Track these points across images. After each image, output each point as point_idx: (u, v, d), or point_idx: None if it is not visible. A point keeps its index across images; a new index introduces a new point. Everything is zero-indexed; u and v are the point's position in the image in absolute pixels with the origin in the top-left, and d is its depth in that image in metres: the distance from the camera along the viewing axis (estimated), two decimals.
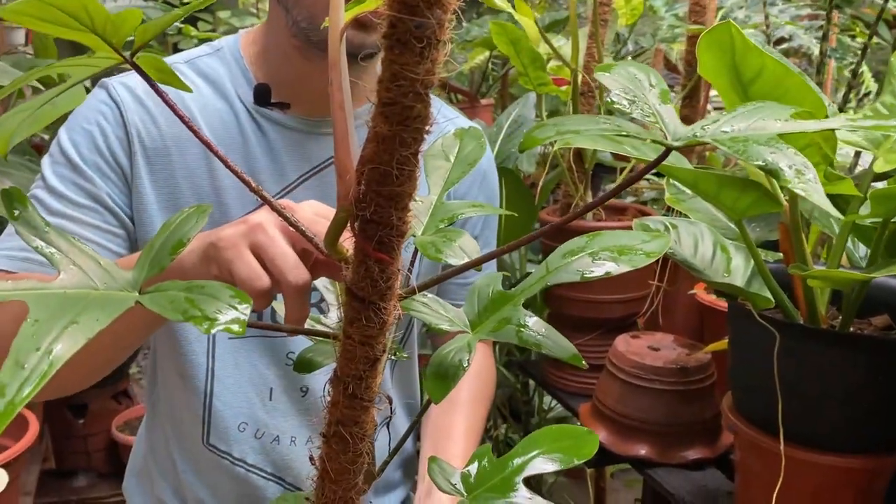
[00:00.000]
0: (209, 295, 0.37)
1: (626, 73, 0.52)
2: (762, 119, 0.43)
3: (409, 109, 0.35)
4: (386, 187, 0.37)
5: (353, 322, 0.42)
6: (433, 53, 0.34)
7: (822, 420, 0.70)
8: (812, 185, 0.38)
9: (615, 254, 0.54)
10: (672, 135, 0.45)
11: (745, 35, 0.55)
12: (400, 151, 0.36)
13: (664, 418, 0.98)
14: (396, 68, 0.34)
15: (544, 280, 0.53)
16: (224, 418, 0.92)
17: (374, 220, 0.38)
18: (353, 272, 0.41)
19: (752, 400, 0.78)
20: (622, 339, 1.07)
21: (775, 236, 0.91)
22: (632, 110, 0.49)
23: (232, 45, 0.94)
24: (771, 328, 0.67)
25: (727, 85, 0.61)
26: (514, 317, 0.53)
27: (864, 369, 0.68)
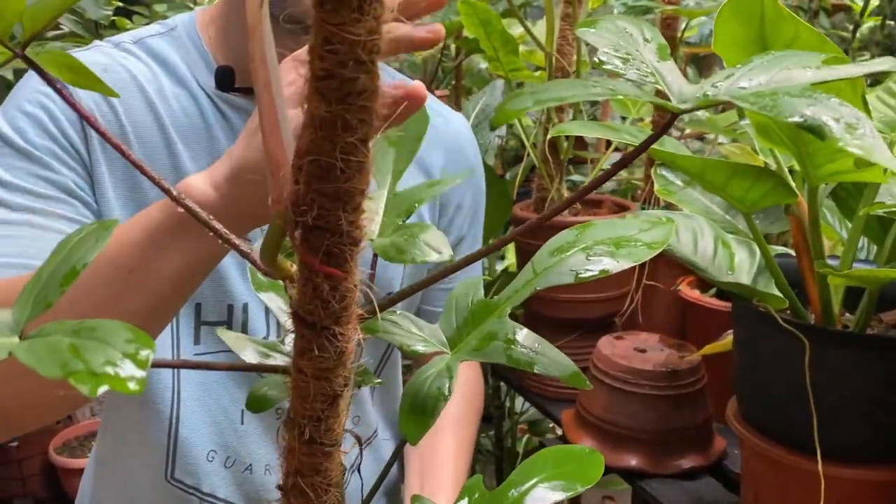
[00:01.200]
0: (98, 340, 0.26)
1: (615, 27, 0.44)
2: (787, 69, 0.36)
3: (350, 83, 0.27)
4: (330, 184, 0.29)
5: (303, 353, 0.33)
6: (376, 9, 0.26)
7: (847, 430, 0.64)
8: (870, 140, 0.30)
9: (612, 247, 0.46)
10: (677, 96, 0.37)
11: (777, 0, 0.48)
12: (343, 138, 0.28)
13: (655, 425, 0.92)
14: (330, 29, 0.26)
15: (532, 284, 0.45)
16: (191, 447, 0.82)
17: (319, 226, 0.30)
18: (299, 293, 0.32)
19: (762, 408, 0.71)
20: (606, 340, 1.00)
21: (776, 229, 0.85)
22: (626, 70, 0.41)
23: (187, 24, 0.84)
24: (799, 334, 0.60)
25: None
26: (500, 331, 0.45)
27: (891, 373, 0.62)
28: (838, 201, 0.78)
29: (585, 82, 0.39)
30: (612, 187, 1.90)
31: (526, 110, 0.37)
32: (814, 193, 0.62)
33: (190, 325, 0.80)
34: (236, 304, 0.81)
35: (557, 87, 0.38)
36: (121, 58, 0.80)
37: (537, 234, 1.15)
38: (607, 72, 0.44)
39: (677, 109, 0.36)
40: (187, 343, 0.81)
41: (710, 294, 1.06)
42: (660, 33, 0.45)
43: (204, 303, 0.80)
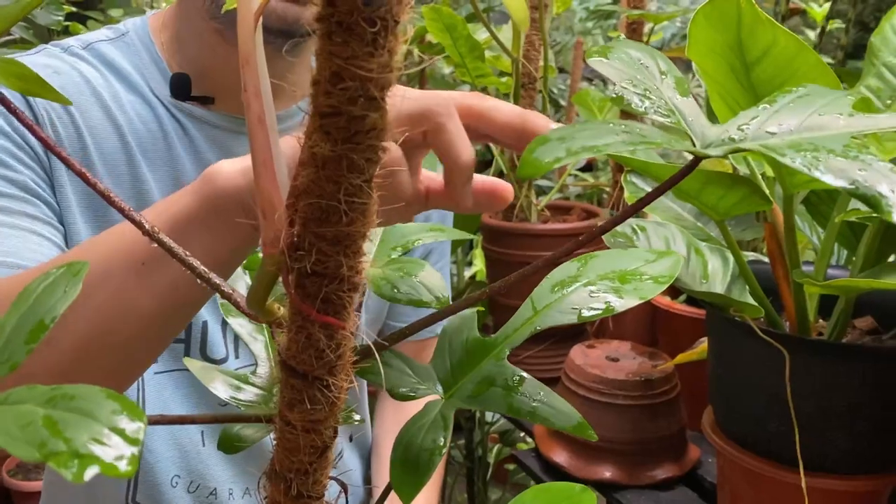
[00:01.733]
0: (80, 412, 0.22)
1: (628, 57, 0.42)
2: (818, 114, 0.34)
3: (359, 121, 0.25)
4: (331, 227, 0.27)
5: (292, 405, 0.31)
6: (390, 41, 0.24)
7: (826, 440, 0.63)
8: None
9: (616, 282, 0.44)
10: (700, 139, 0.35)
11: (755, 4, 0.46)
12: (349, 179, 0.26)
13: (630, 436, 0.91)
14: (339, 64, 0.24)
15: (532, 323, 0.43)
16: (154, 472, 0.78)
17: (317, 272, 0.28)
18: (290, 341, 0.30)
19: (740, 419, 0.70)
20: (578, 349, 0.98)
21: (749, 236, 0.85)
22: (646, 108, 0.38)
23: (139, 29, 0.80)
24: (778, 345, 0.59)
25: (724, 68, 0.53)
26: (498, 376, 0.42)
27: (872, 383, 0.61)
28: (809, 206, 0.78)
29: (616, 128, 0.36)
30: (578, 192, 1.90)
31: (559, 162, 0.34)
32: (789, 201, 0.61)
33: None
34: (195, 322, 0.77)
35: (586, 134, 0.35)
36: (72, 62, 0.76)
37: (507, 241, 1.13)
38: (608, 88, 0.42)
39: (704, 155, 0.33)
40: None
41: (681, 300, 1.05)
42: (672, 64, 0.43)
43: None
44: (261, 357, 0.50)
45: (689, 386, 0.96)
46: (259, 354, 0.50)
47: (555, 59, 2.12)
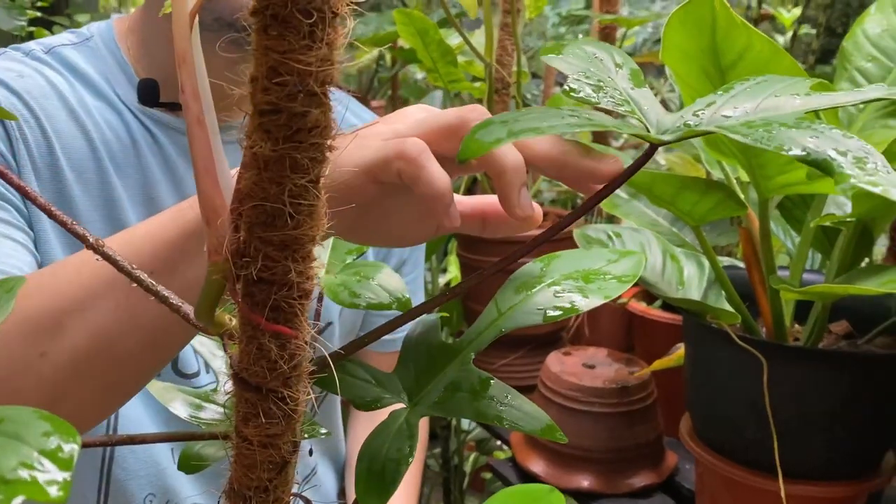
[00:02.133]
0: (8, 435, 0.20)
1: (583, 52, 0.41)
2: (774, 96, 0.33)
3: (300, 118, 0.24)
4: (276, 232, 0.26)
5: (247, 419, 0.29)
6: (329, 33, 0.23)
7: (805, 446, 0.63)
8: (884, 176, 0.28)
9: (580, 281, 0.43)
10: (655, 126, 0.35)
11: (729, 8, 0.46)
12: (293, 180, 0.25)
13: (607, 444, 0.90)
14: (276, 58, 0.23)
15: (497, 326, 0.42)
16: (126, 491, 0.75)
17: (265, 279, 0.27)
18: (241, 352, 0.28)
19: (718, 426, 0.70)
20: (554, 357, 0.97)
21: (724, 241, 0.84)
22: (599, 98, 0.38)
23: (104, 33, 0.78)
24: (756, 353, 0.59)
25: (698, 72, 0.52)
26: (464, 381, 0.41)
27: (849, 388, 0.61)
28: (784, 211, 0.77)
29: (561, 111, 0.35)
30: (552, 197, 1.89)
31: (500, 142, 0.33)
32: (764, 205, 0.61)
33: None
34: None
35: (532, 118, 0.34)
36: (35, 66, 0.74)
37: (482, 248, 1.12)
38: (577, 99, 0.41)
39: (658, 141, 0.33)
40: None
41: (656, 306, 1.05)
42: (628, 57, 0.42)
43: None
44: (222, 374, 0.48)
45: (665, 392, 0.95)
46: (220, 371, 0.48)
47: (528, 64, 2.12)
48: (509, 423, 0.40)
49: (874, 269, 0.59)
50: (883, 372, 0.62)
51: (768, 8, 2.42)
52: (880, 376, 0.61)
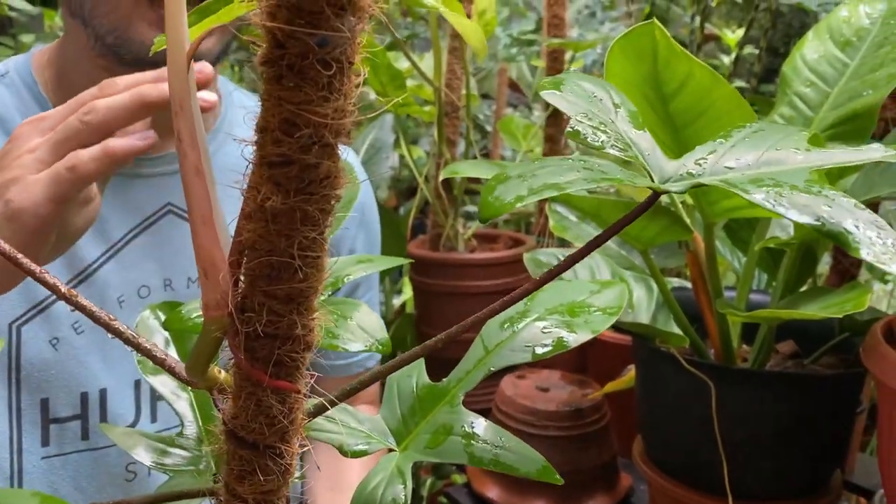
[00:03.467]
0: None
1: (581, 90, 0.40)
2: (775, 148, 0.33)
3: (312, 170, 0.23)
4: (282, 285, 0.25)
5: (242, 478, 0.28)
6: (345, 84, 0.22)
7: (753, 467, 0.63)
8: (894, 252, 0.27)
9: (566, 316, 0.43)
10: (658, 173, 0.34)
11: (670, 38, 0.46)
12: (303, 233, 0.24)
13: (562, 467, 0.88)
14: (290, 110, 0.22)
15: (485, 364, 0.41)
16: None
17: (268, 333, 0.26)
18: (237, 408, 0.27)
19: (668, 448, 0.70)
20: (508, 380, 0.97)
21: (673, 264, 0.85)
22: (602, 144, 0.37)
23: (21, 67, 0.76)
24: (703, 376, 0.59)
25: (640, 99, 0.53)
26: (455, 423, 0.40)
27: (796, 409, 0.61)
28: (730, 232, 0.79)
29: (576, 164, 0.35)
30: (504, 218, 1.90)
31: (521, 201, 0.32)
32: (709, 230, 0.61)
33: (36, 424, 0.71)
34: (91, 392, 0.73)
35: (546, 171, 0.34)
36: None
37: (432, 272, 1.12)
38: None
39: (664, 191, 0.32)
40: (33, 445, 0.71)
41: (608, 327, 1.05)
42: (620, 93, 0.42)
43: (52, 396, 0.71)
44: (186, 417, 0.46)
45: (619, 413, 0.96)
46: (184, 414, 0.46)
47: (479, 85, 2.13)
48: (506, 466, 0.40)
49: (817, 292, 0.60)
50: (828, 392, 0.63)
51: (713, 29, 2.48)
52: (825, 396, 0.62)
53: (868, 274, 1.24)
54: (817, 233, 0.27)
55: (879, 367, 0.51)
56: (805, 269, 0.68)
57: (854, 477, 0.87)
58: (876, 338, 0.54)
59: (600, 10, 2.56)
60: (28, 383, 0.70)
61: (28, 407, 0.70)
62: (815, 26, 0.69)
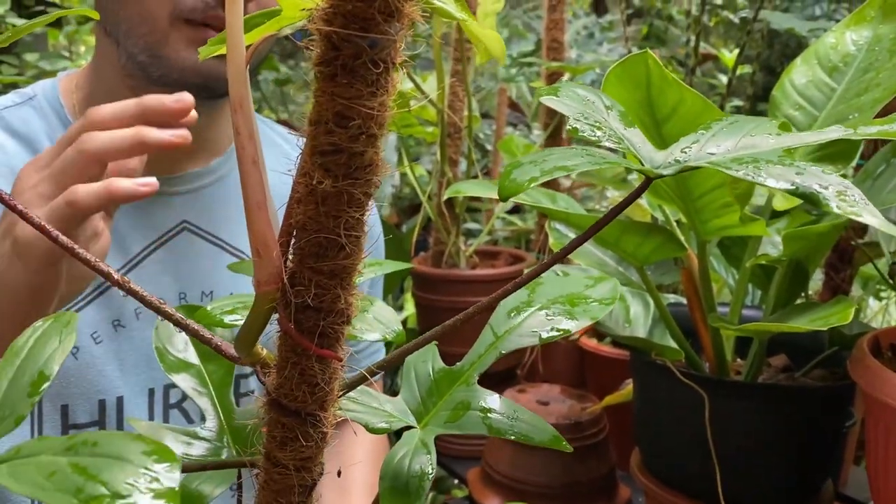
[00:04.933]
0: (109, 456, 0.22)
1: (576, 95, 0.44)
2: (750, 135, 0.37)
3: (358, 157, 0.27)
4: (327, 262, 0.28)
5: (285, 444, 0.31)
6: (388, 81, 0.26)
7: (748, 478, 0.65)
8: (863, 205, 0.31)
9: (567, 305, 0.47)
10: (649, 161, 0.38)
11: (662, 66, 0.49)
12: (349, 213, 0.28)
13: (562, 479, 0.91)
14: (343, 104, 0.26)
15: (496, 348, 0.45)
16: None
17: (314, 306, 0.29)
18: (281, 378, 0.30)
19: (665, 460, 0.72)
20: (509, 395, 0.99)
21: (668, 280, 0.87)
22: (599, 137, 0.40)
23: (49, 92, 0.78)
24: (698, 388, 0.61)
25: (636, 123, 0.55)
26: (473, 400, 0.44)
27: (788, 421, 0.64)
28: (723, 249, 0.81)
29: (580, 151, 0.39)
30: (505, 235, 1.92)
31: (534, 181, 0.36)
32: (703, 247, 0.64)
33: (56, 429, 0.74)
34: (108, 399, 0.75)
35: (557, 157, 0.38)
36: None
37: (437, 288, 1.14)
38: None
39: (657, 174, 0.36)
40: None
41: (607, 342, 1.07)
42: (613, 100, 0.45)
43: (71, 403, 0.74)
44: (208, 411, 0.49)
45: (617, 426, 0.98)
46: (206, 408, 0.49)
47: (479, 105, 2.16)
48: (522, 436, 0.43)
49: (806, 307, 0.62)
50: (818, 404, 0.65)
51: (711, 49, 2.52)
52: (816, 408, 0.64)
53: (861, 290, 1.27)
54: (792, 195, 0.31)
55: (865, 380, 0.54)
56: (796, 285, 0.71)
57: (847, 489, 0.89)
58: (862, 351, 0.56)
59: (599, 31, 2.60)
60: (49, 391, 0.72)
61: (49, 413, 0.73)
62: (803, 52, 0.72)
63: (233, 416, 0.49)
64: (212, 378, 0.50)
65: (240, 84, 0.28)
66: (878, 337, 0.61)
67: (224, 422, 0.48)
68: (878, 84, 0.63)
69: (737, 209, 0.57)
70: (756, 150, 0.36)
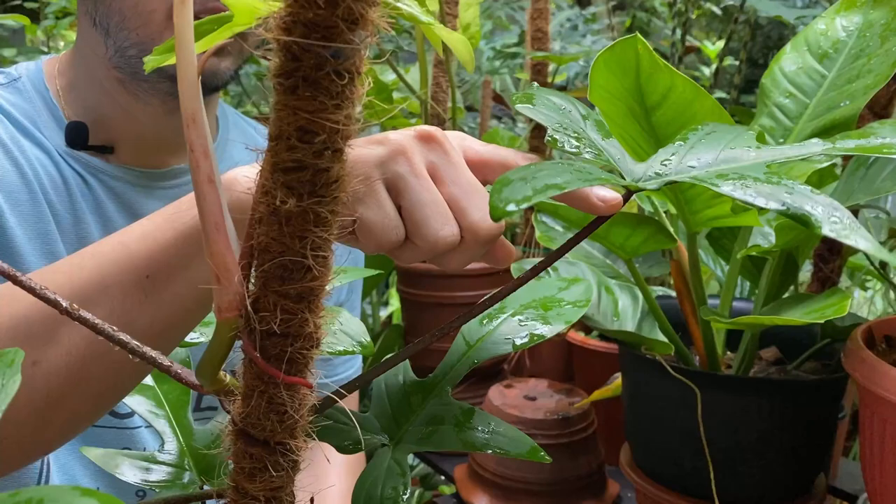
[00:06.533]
0: None
1: (551, 103, 0.42)
2: (730, 147, 0.36)
3: (323, 174, 0.25)
4: (293, 285, 0.26)
5: (253, 475, 0.29)
6: (354, 92, 0.24)
7: (740, 473, 0.64)
8: (853, 227, 0.30)
9: (540, 310, 0.45)
10: (628, 174, 0.36)
11: (652, 51, 0.47)
12: (315, 234, 0.26)
13: (550, 475, 0.90)
14: (305, 118, 0.24)
15: (468, 357, 0.43)
16: None
17: (282, 332, 0.27)
18: (248, 407, 0.28)
19: (656, 455, 0.70)
20: (496, 390, 0.98)
21: (657, 272, 0.86)
22: (580, 150, 0.39)
23: (33, 74, 0.76)
24: (690, 383, 0.60)
25: (624, 111, 0.54)
26: (446, 413, 0.42)
27: (780, 415, 0.62)
28: (712, 241, 0.80)
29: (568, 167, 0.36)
30: None
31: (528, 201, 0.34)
32: (693, 239, 0.62)
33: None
34: None
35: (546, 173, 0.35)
36: None
37: (421, 283, 1.12)
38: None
39: (639, 188, 0.35)
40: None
41: (595, 336, 1.06)
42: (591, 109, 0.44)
43: None
44: (166, 433, 0.47)
45: (606, 421, 0.97)
46: (163, 431, 0.47)
47: (463, 97, 2.14)
48: (496, 449, 0.41)
49: (799, 299, 0.61)
50: (810, 397, 0.64)
51: (694, 41, 2.51)
52: (808, 402, 0.63)
53: (848, 281, 1.26)
54: (782, 215, 0.30)
55: (860, 372, 0.53)
56: (787, 277, 0.69)
57: (838, 482, 0.89)
58: (856, 343, 0.55)
59: (582, 23, 2.59)
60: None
61: None
62: (793, 39, 0.70)
63: (192, 438, 0.46)
64: (167, 398, 0.48)
65: (192, 98, 0.26)
66: (872, 328, 0.60)
67: (184, 444, 0.46)
68: (870, 70, 0.62)
69: (728, 199, 0.56)
70: (738, 164, 0.35)
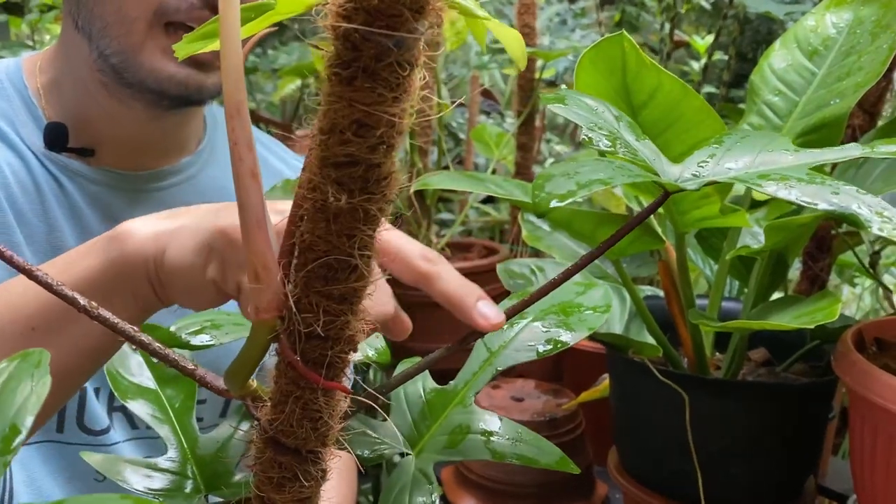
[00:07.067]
0: None
1: (584, 104, 0.41)
2: (767, 150, 0.35)
3: (375, 169, 0.23)
4: (338, 286, 0.25)
5: (282, 485, 0.28)
6: (411, 84, 0.23)
7: (728, 476, 0.63)
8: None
9: (561, 315, 0.44)
10: (664, 174, 0.36)
11: (639, 49, 0.46)
12: (363, 232, 0.24)
13: (538, 478, 0.89)
14: (362, 111, 0.22)
15: (491, 364, 0.42)
16: None
17: (324, 335, 0.26)
18: (280, 414, 0.27)
19: (643, 459, 0.70)
20: (483, 391, 0.96)
21: (645, 272, 0.85)
22: (616, 149, 0.38)
23: (12, 72, 0.74)
24: (678, 388, 0.59)
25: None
26: (472, 423, 0.41)
27: (769, 418, 0.62)
28: (701, 241, 0.79)
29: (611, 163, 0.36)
30: (479, 226, 1.90)
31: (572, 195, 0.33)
32: (681, 239, 0.61)
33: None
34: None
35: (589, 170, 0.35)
36: None
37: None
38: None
39: (679, 188, 0.34)
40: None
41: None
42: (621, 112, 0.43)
43: None
44: (169, 440, 0.46)
45: (594, 421, 0.96)
46: (167, 437, 0.45)
47: (451, 93, 2.13)
48: (527, 459, 0.40)
49: (789, 301, 0.60)
50: (799, 400, 0.63)
51: (683, 35, 2.50)
52: (797, 405, 0.62)
53: (837, 278, 1.26)
54: (830, 215, 0.29)
55: (850, 376, 0.52)
56: (776, 276, 0.68)
57: (827, 481, 0.88)
58: (847, 346, 0.54)
59: (571, 17, 2.58)
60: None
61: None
62: (782, 35, 0.69)
63: (197, 445, 0.45)
64: (171, 404, 0.47)
65: (236, 87, 0.25)
66: (862, 331, 0.59)
67: (188, 451, 0.45)
68: (861, 68, 0.61)
69: (716, 200, 0.55)
70: (777, 167, 0.35)
